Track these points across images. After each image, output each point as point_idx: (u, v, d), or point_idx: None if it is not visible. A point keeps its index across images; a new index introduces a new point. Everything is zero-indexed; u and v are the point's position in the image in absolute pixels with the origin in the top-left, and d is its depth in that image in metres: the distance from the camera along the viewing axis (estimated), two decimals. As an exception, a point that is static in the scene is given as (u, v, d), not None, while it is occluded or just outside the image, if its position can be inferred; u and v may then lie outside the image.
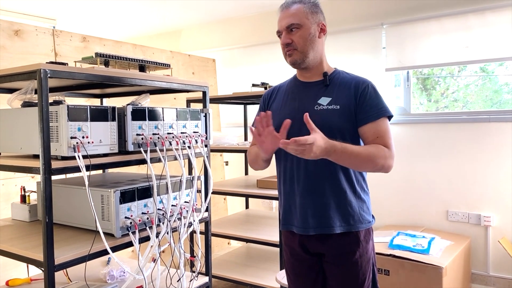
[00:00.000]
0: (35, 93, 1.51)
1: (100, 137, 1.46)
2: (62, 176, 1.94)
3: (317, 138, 1.29)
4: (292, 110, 1.53)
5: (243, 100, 3.16)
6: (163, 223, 1.59)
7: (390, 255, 2.60)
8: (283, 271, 2.08)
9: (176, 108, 1.73)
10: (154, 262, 1.59)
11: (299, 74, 1.61)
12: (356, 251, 1.48)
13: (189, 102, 2.91)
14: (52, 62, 1.36)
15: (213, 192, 2.46)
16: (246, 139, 3.62)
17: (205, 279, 1.90)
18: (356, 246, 1.49)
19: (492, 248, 2.99)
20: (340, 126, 1.45)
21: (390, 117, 1.50)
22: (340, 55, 3.50)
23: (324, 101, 1.49)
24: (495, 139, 2.95)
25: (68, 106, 1.36)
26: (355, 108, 1.47)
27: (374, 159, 1.40)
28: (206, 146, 1.84)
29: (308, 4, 1.50)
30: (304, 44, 1.48)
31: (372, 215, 1.57)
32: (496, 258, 2.98)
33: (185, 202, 1.74)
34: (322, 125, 1.40)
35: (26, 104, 1.52)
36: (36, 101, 1.46)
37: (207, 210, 1.88)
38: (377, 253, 2.61)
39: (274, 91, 1.67)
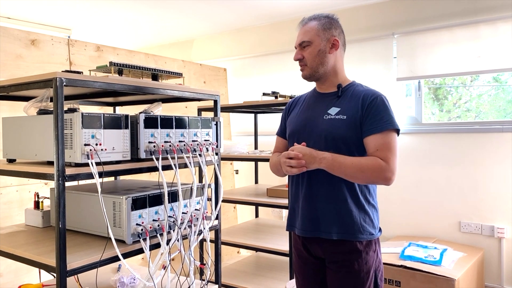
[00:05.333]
0: (51, 101, 1.54)
1: (113, 144, 1.48)
2: (75, 183, 1.97)
3: (300, 148, 1.47)
4: (305, 119, 1.62)
5: (254, 109, 3.17)
6: (173, 230, 1.59)
7: (401, 266, 2.57)
8: (293, 280, 2.07)
9: (188, 117, 1.75)
10: (164, 269, 1.60)
11: (317, 86, 1.69)
12: (354, 261, 1.49)
13: (200, 110, 2.94)
14: (67, 71, 1.39)
15: (223, 201, 2.47)
16: (256, 147, 3.63)
17: (215, 287, 1.90)
18: (355, 256, 1.50)
19: (506, 260, 2.93)
20: (344, 135, 1.50)
21: (397, 131, 1.50)
22: (351, 64, 3.49)
23: (333, 111, 1.55)
24: (508, 150, 2.92)
25: (82, 113, 1.38)
26: (361, 118, 1.49)
27: (365, 171, 1.43)
28: (216, 154, 1.85)
29: (323, 20, 1.58)
30: (313, 60, 1.57)
31: (379, 228, 1.58)
32: (510, 271, 2.93)
33: (196, 209, 1.75)
34: (328, 134, 1.51)
35: (42, 112, 1.55)
36: (52, 109, 1.49)
37: (217, 218, 1.89)
38: (388, 264, 2.59)
39: (295, 101, 1.77)
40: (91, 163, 1.36)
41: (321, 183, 1.53)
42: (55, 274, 1.33)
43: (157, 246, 1.57)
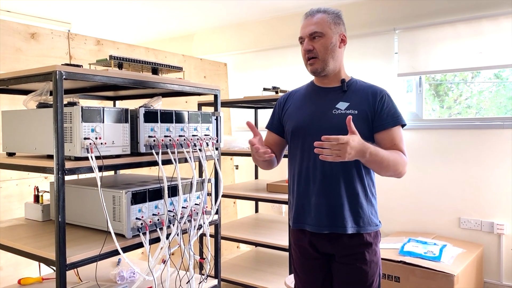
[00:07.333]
0: (50, 94, 1.53)
1: (113, 138, 1.48)
2: (75, 177, 1.96)
3: (351, 139, 1.32)
4: (310, 113, 1.59)
5: (254, 104, 3.16)
6: (173, 224, 1.59)
7: (400, 261, 2.57)
8: (292, 275, 2.07)
9: (188, 111, 1.74)
10: (164, 263, 1.60)
11: (316, 80, 1.66)
12: (366, 253, 1.52)
13: (200, 105, 2.93)
14: (67, 64, 1.38)
15: (223, 196, 2.47)
16: (256, 143, 3.62)
17: (214, 281, 1.91)
18: (366, 247, 1.53)
19: (505, 256, 2.94)
20: (358, 129, 1.47)
21: (403, 125, 1.55)
22: (352, 60, 3.49)
23: (342, 105, 1.54)
24: (509, 146, 2.91)
25: (82, 107, 1.38)
26: (372, 115, 1.52)
27: (397, 165, 1.46)
28: (217, 149, 1.85)
29: (332, 15, 1.56)
30: (325, 52, 1.53)
31: (379, 220, 1.61)
32: (509, 267, 2.93)
33: (196, 204, 1.75)
34: (340, 129, 1.46)
35: (41, 105, 1.54)
36: (51, 103, 1.48)
37: (217, 212, 1.89)
38: (388, 259, 2.60)
39: (290, 96, 1.72)
40: (91, 157, 1.35)
41: (335, 178, 1.51)
42: (54, 268, 1.33)
43: (156, 240, 1.57)
